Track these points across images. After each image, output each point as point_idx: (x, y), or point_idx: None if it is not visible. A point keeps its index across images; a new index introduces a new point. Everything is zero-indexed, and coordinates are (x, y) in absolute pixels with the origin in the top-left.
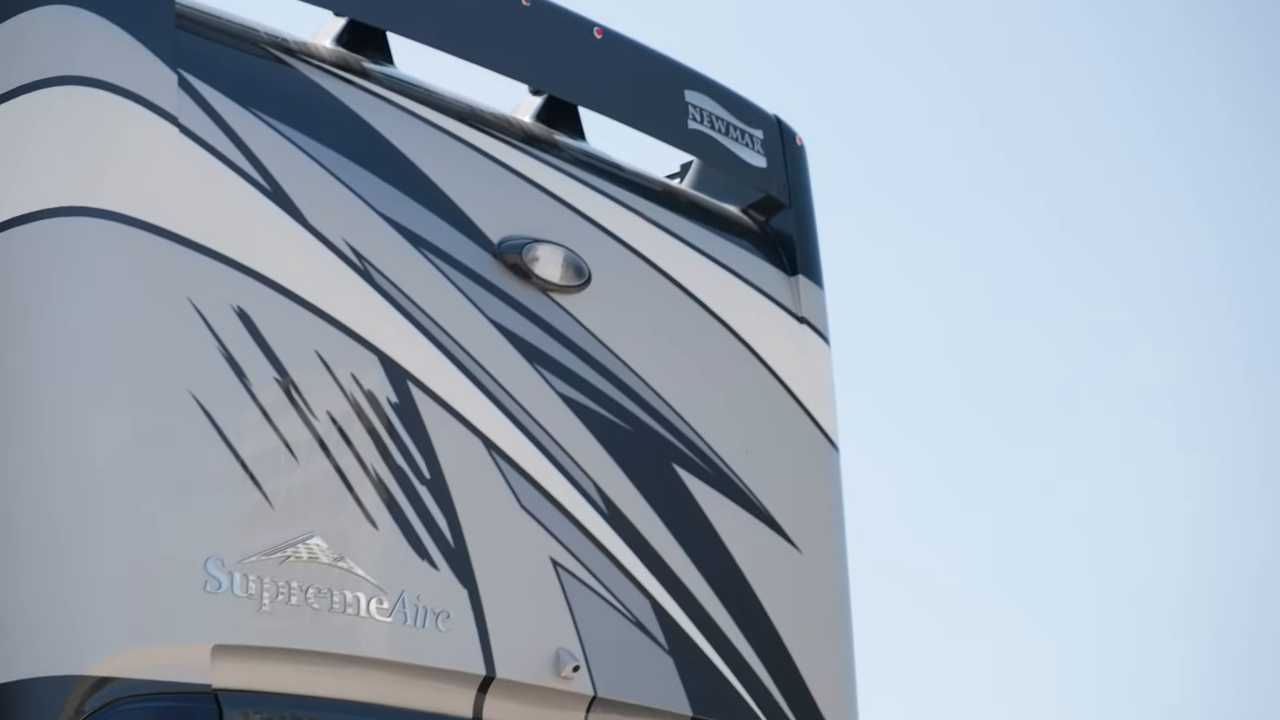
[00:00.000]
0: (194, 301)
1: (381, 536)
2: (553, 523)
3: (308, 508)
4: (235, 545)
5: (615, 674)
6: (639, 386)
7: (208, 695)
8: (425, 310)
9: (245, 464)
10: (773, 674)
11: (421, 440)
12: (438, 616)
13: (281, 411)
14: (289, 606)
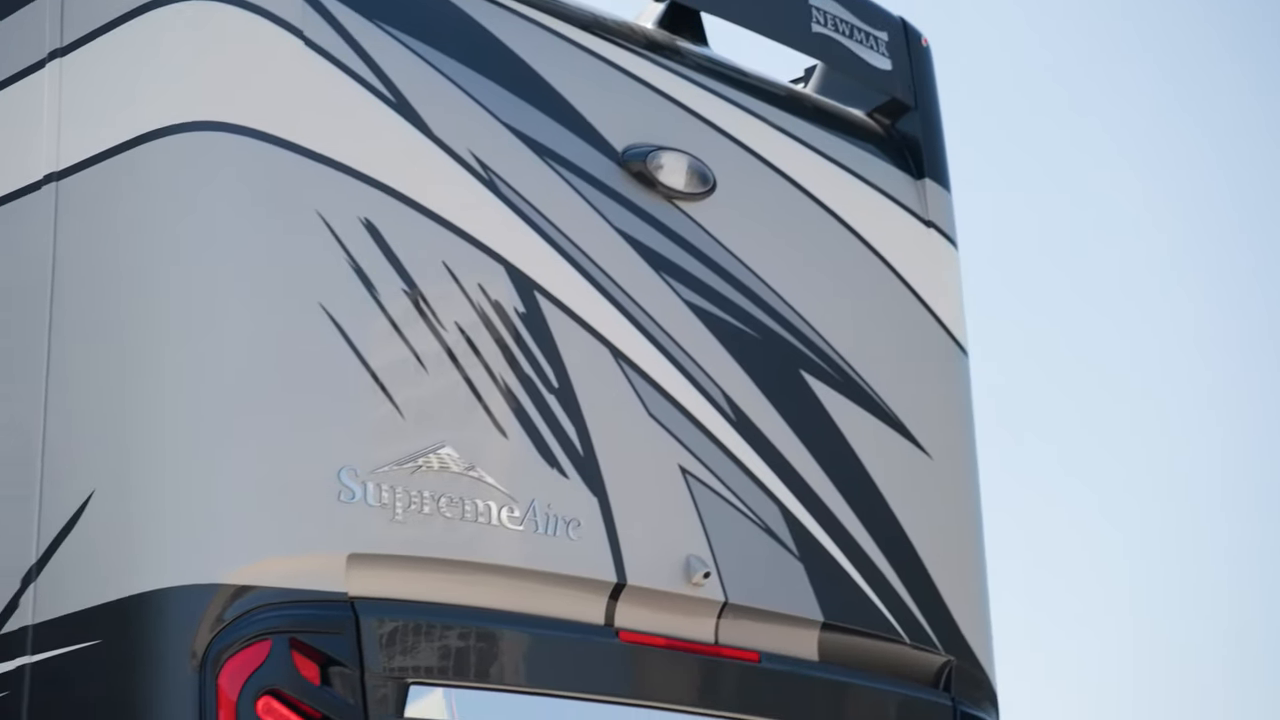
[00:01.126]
0: (322, 215)
1: (511, 446)
2: (681, 430)
3: (438, 418)
4: (368, 455)
5: (746, 580)
6: (765, 293)
7: (344, 603)
8: (551, 220)
9: (376, 375)
10: (905, 581)
11: (549, 349)
12: (568, 524)
13: (410, 323)
14: (421, 515)
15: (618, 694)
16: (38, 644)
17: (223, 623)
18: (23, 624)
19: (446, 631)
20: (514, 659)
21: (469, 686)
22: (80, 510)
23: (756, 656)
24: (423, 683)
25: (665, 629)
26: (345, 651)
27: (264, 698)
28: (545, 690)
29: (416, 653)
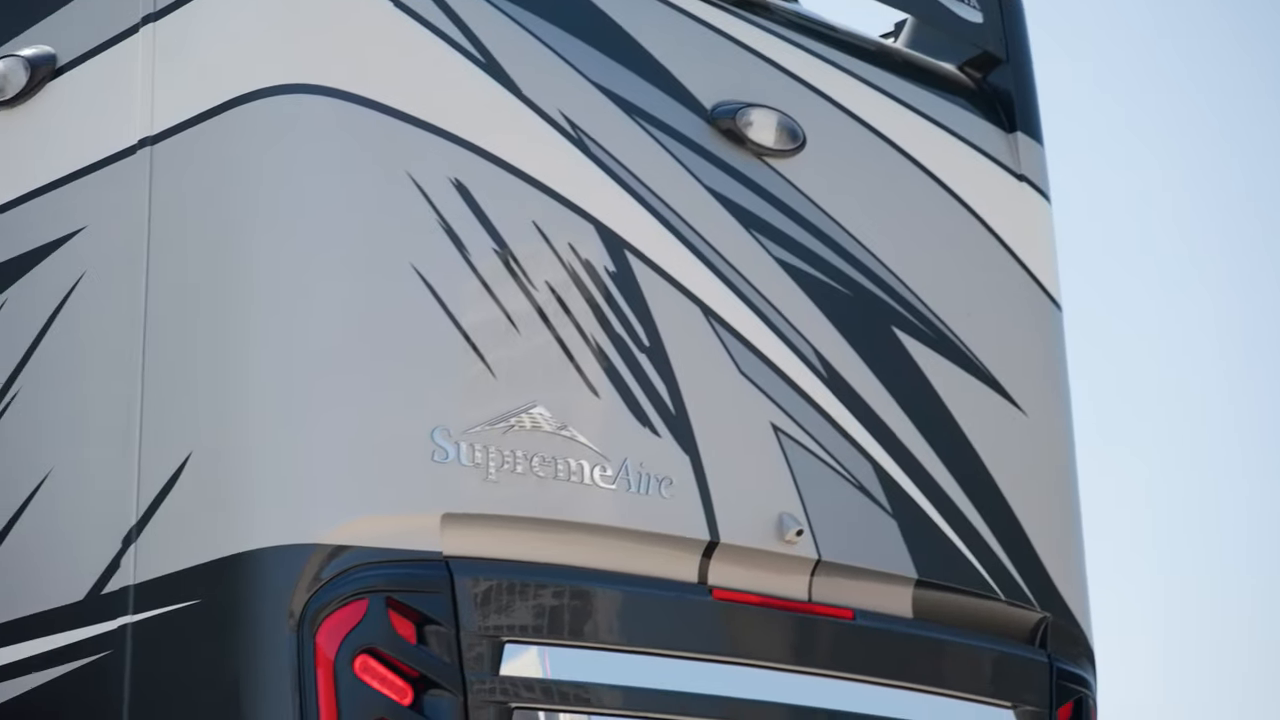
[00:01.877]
0: (413, 176)
1: (603, 404)
2: (772, 388)
3: (530, 377)
4: (460, 415)
5: (839, 538)
6: (856, 249)
7: (439, 562)
8: (640, 178)
9: (467, 335)
10: (999, 538)
11: (640, 308)
12: (661, 483)
13: (501, 283)
14: (514, 475)
15: (711, 652)
16: (139, 603)
17: (320, 582)
18: (124, 584)
19: (540, 590)
20: (607, 617)
21: (563, 645)
22: (178, 472)
23: (850, 614)
24: (518, 641)
25: (758, 587)
26: (441, 610)
27: (361, 656)
28: (639, 648)
29: (511, 611)
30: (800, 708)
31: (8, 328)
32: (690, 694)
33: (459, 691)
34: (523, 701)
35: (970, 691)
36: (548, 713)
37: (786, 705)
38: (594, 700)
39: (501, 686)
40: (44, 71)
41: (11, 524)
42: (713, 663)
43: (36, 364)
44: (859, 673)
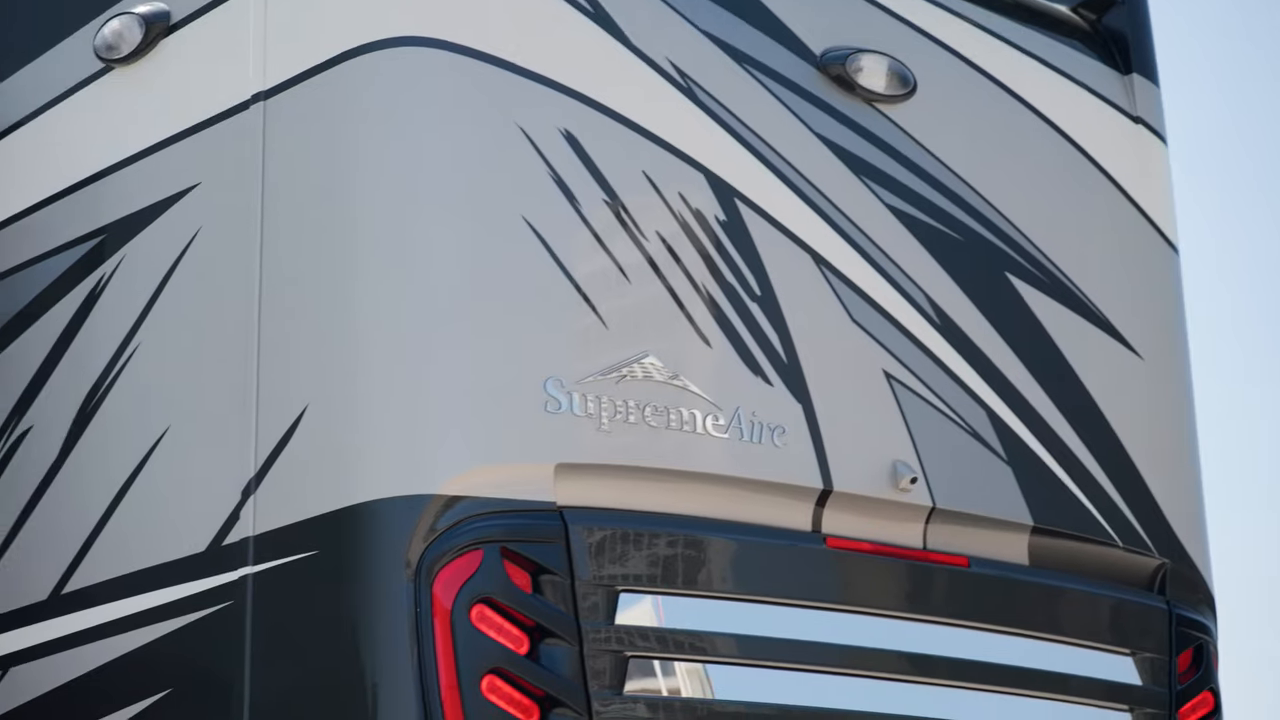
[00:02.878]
0: (524, 128)
1: (715, 354)
2: (885, 335)
3: (641, 327)
4: (572, 366)
5: (953, 485)
6: (969, 195)
7: (553, 512)
8: (750, 126)
9: (579, 286)
10: (1116, 483)
11: (751, 257)
12: (773, 431)
13: (612, 233)
14: (627, 425)
15: (825, 599)
16: (259, 554)
17: (435, 533)
18: (244, 535)
19: (654, 539)
20: (721, 566)
21: (677, 593)
22: (294, 425)
23: (965, 561)
24: (632, 590)
25: (872, 534)
26: (555, 560)
27: (477, 606)
28: (753, 596)
29: (625, 561)
30: (915, 655)
31: (126, 285)
32: (804, 642)
33: (574, 641)
34: (638, 650)
35: (1088, 638)
36: (662, 661)
37: (901, 653)
38: (708, 649)
39: (617, 635)
40: (158, 29)
41: (133, 478)
42: (827, 611)
43: (154, 320)
44: (975, 620)
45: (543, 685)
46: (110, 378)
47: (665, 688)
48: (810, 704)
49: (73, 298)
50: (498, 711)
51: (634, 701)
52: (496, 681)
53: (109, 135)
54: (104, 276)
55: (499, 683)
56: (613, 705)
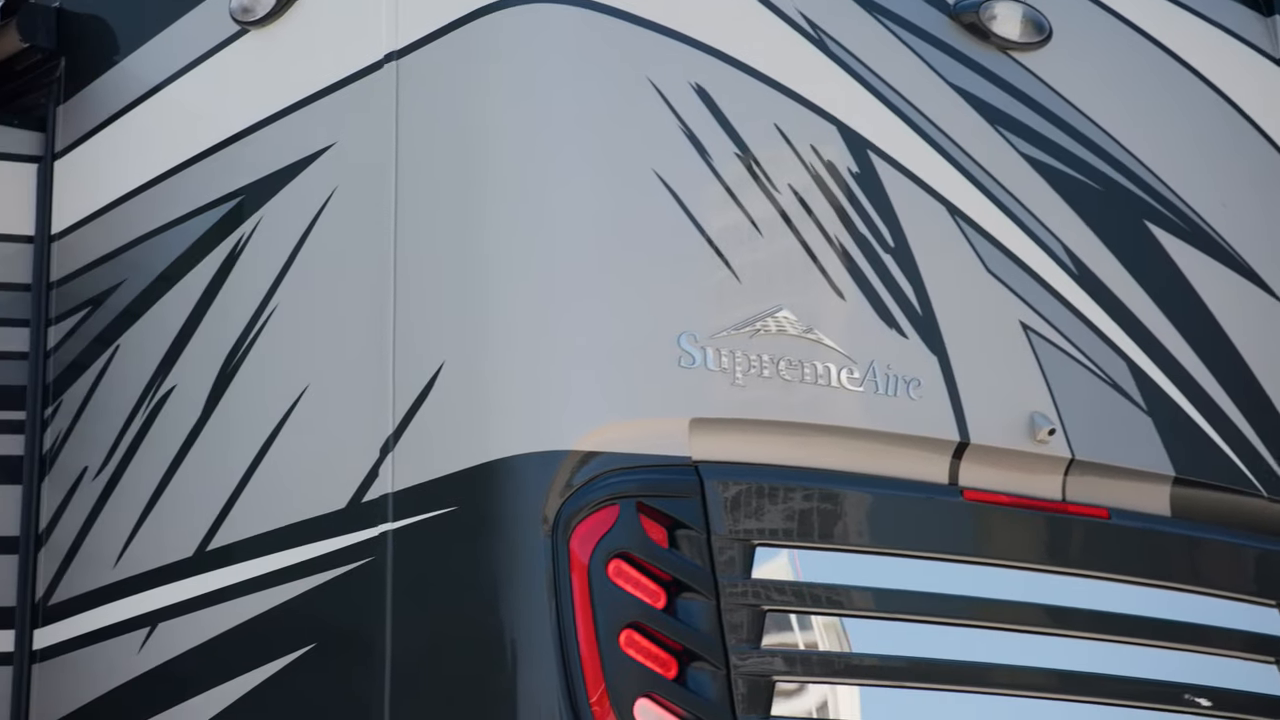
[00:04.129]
0: (655, 82)
1: (849, 307)
2: (1021, 286)
3: (774, 281)
4: (706, 321)
5: (1092, 436)
6: (1106, 142)
7: (688, 467)
8: (883, 76)
9: (711, 240)
10: (1260, 433)
11: (884, 209)
12: (909, 384)
13: (744, 187)
14: (761, 379)
15: (963, 553)
16: (398, 511)
17: (571, 488)
18: (383, 492)
19: (790, 493)
20: (858, 519)
21: (814, 547)
22: (431, 382)
23: (1106, 513)
24: (768, 544)
25: (1010, 487)
26: (691, 515)
27: (614, 561)
28: (890, 550)
29: (761, 515)
30: (1055, 608)
31: (264, 245)
32: (942, 595)
33: (711, 595)
34: (775, 604)
35: (1233, 590)
36: (799, 615)
37: (1041, 605)
38: (846, 603)
39: (753, 590)
40: None
41: (274, 436)
42: (965, 564)
43: (292, 280)
44: (1116, 572)
45: (680, 639)
46: (250, 338)
47: (802, 642)
48: (947, 657)
49: (212, 259)
50: (636, 665)
51: (771, 655)
52: (634, 636)
53: (245, 98)
54: (242, 238)
55: (637, 637)
56: (750, 659)
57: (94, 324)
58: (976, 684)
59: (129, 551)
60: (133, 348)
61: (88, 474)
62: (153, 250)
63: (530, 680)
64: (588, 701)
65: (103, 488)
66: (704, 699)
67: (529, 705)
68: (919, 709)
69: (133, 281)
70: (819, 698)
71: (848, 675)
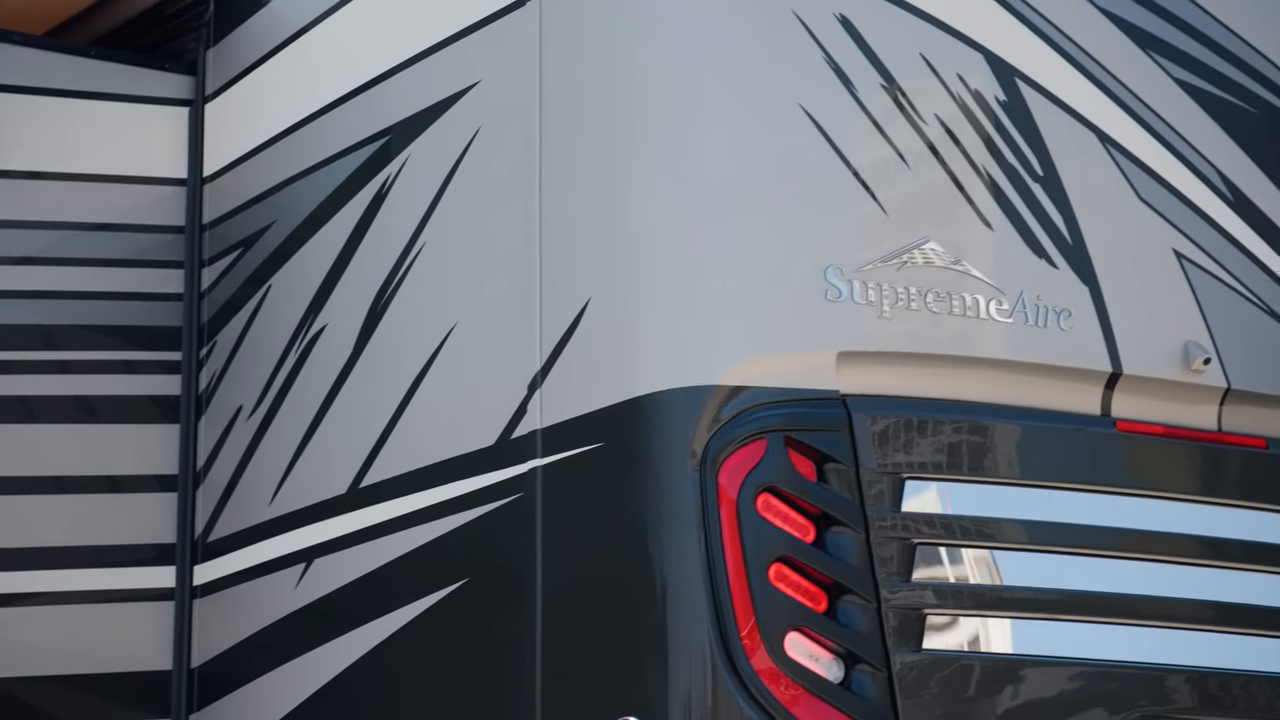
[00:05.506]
0: (799, 14)
1: (997, 237)
2: (1174, 213)
3: (921, 213)
4: (852, 254)
5: (1249, 365)
6: (1260, 64)
7: (836, 400)
8: (1028, 2)
9: (857, 173)
10: None
11: (1033, 137)
12: (1059, 315)
13: (890, 118)
14: (908, 311)
15: (1116, 484)
16: (547, 447)
17: (719, 423)
18: (532, 428)
19: (939, 426)
20: (1008, 452)
21: (964, 480)
22: (578, 318)
23: (1264, 443)
24: (918, 477)
25: (1164, 417)
26: (840, 448)
27: (763, 495)
28: (1041, 482)
29: (910, 448)
30: (1211, 539)
31: (410, 185)
32: (1094, 527)
33: (860, 528)
34: (925, 537)
35: None
36: (950, 548)
37: (1196, 537)
38: (997, 535)
39: (903, 523)
40: None
41: (423, 374)
42: (1118, 495)
43: (439, 218)
44: (1274, 503)
45: (830, 573)
46: (398, 277)
47: (953, 575)
48: (1099, 589)
49: (360, 200)
50: (786, 599)
51: (922, 588)
52: (784, 569)
53: (390, 38)
54: (389, 178)
55: (786, 571)
56: (901, 592)
57: (246, 265)
58: (1128, 616)
59: (284, 488)
60: (283, 288)
61: (243, 413)
62: (302, 191)
63: (680, 615)
64: (738, 635)
65: (257, 426)
66: (855, 632)
67: (679, 640)
68: (1071, 641)
69: (283, 222)
70: (970, 631)
71: (999, 608)
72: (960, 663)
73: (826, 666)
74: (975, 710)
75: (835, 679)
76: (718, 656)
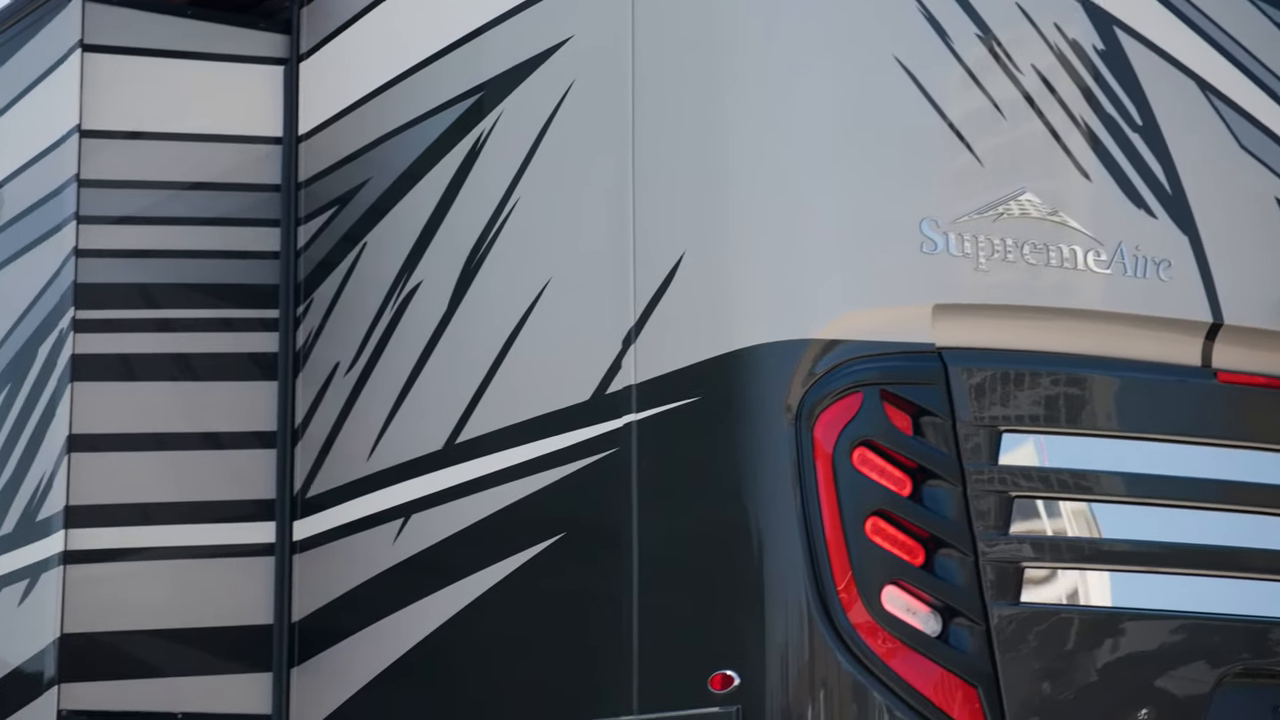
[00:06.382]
0: None
1: (1095, 187)
2: (1275, 160)
3: (1017, 164)
4: (948, 206)
5: None
6: None
7: (932, 353)
8: None
9: (953, 125)
10: None
11: (1131, 86)
12: (1158, 265)
13: (986, 69)
14: (1005, 263)
15: (1216, 436)
16: (642, 401)
17: (814, 376)
18: (626, 383)
19: (1036, 378)
20: (1106, 404)
21: (1062, 433)
22: (672, 273)
23: None
24: (1015, 430)
25: (1266, 368)
26: (936, 402)
27: (859, 449)
28: (1140, 434)
29: (1006, 401)
30: None
31: (503, 140)
32: (1195, 479)
33: (957, 482)
34: (1022, 491)
35: None
36: (1048, 501)
37: None
38: (1095, 488)
39: (1000, 476)
40: None
41: (518, 330)
42: (1218, 447)
43: (533, 173)
44: None
45: (927, 526)
46: (492, 233)
47: (1051, 528)
48: (1200, 541)
49: (454, 156)
50: (882, 553)
51: (1019, 542)
52: (880, 523)
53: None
54: (483, 133)
55: (883, 524)
56: (998, 546)
57: (341, 222)
58: (1228, 568)
59: (381, 445)
60: (379, 245)
61: (339, 369)
62: (396, 148)
63: (777, 569)
64: (835, 589)
65: (354, 383)
66: (952, 585)
67: (776, 594)
68: (1171, 594)
69: (377, 180)
70: (1069, 585)
71: (1098, 561)
72: (1059, 616)
73: (924, 620)
74: (1074, 664)
75: (933, 632)
76: (814, 610)
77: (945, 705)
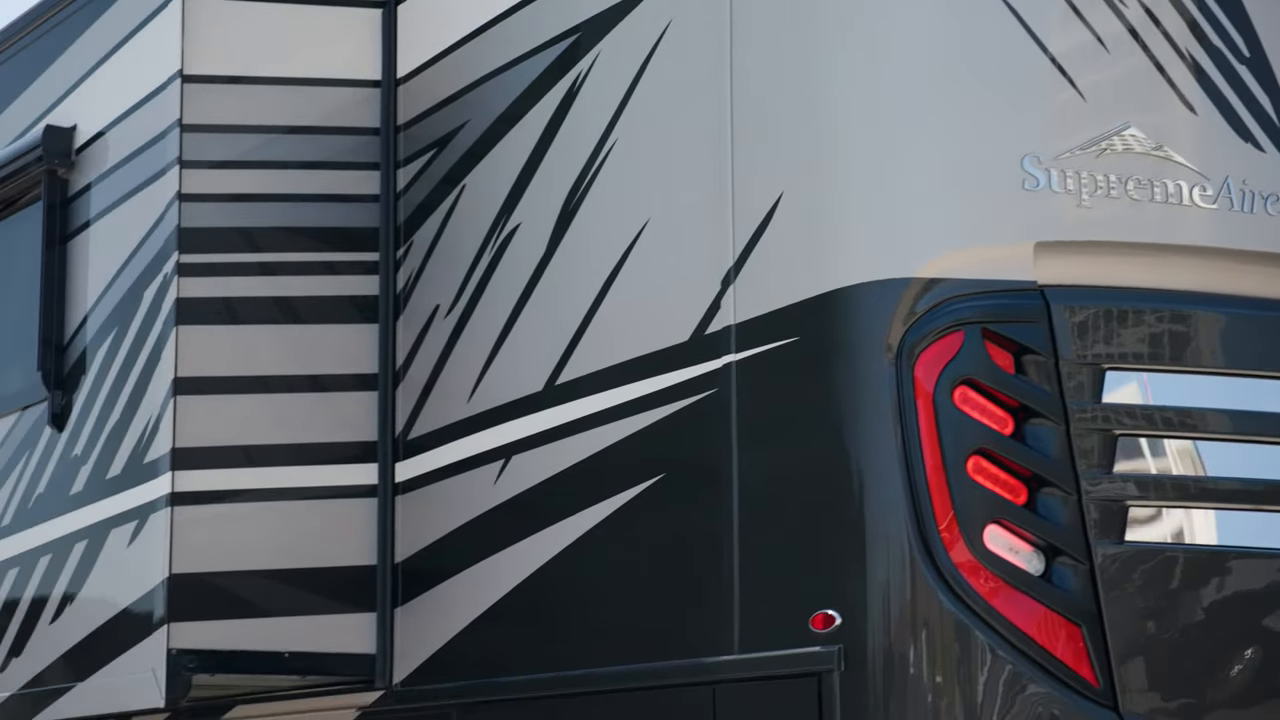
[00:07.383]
0: None
1: (1200, 122)
2: None
3: (1121, 99)
4: (1050, 142)
5: None
6: None
7: (1034, 291)
8: None
9: (1055, 60)
10: None
11: (1238, 16)
12: (1265, 200)
13: (1089, 3)
14: (1108, 199)
15: None
16: (741, 342)
17: (915, 315)
18: (726, 324)
19: (1140, 316)
20: (1211, 341)
21: (1167, 370)
22: (771, 212)
23: None
24: (1118, 368)
25: None
26: (1038, 340)
27: (960, 388)
28: (1246, 371)
29: (1110, 339)
30: None
31: (601, 81)
32: None
33: (1060, 420)
34: (1126, 429)
35: None
36: (1152, 439)
37: None
38: (1200, 426)
39: (1104, 414)
40: None
41: (616, 271)
42: None
43: (630, 115)
44: None
45: (1029, 465)
46: (590, 174)
47: (1155, 466)
48: None
49: (551, 97)
50: (984, 492)
51: (1123, 480)
52: (982, 462)
53: None
54: (580, 74)
55: (984, 463)
56: (1102, 484)
57: (440, 165)
58: None
59: (481, 386)
60: (477, 187)
61: (439, 312)
62: (494, 90)
63: (878, 508)
64: (936, 528)
65: (454, 325)
66: (1055, 524)
67: (877, 533)
68: (1276, 532)
69: (475, 122)
70: (1173, 523)
71: (1202, 499)
72: (1163, 555)
73: (1026, 559)
74: (1179, 603)
75: (1035, 571)
76: (916, 550)
77: (1048, 644)
